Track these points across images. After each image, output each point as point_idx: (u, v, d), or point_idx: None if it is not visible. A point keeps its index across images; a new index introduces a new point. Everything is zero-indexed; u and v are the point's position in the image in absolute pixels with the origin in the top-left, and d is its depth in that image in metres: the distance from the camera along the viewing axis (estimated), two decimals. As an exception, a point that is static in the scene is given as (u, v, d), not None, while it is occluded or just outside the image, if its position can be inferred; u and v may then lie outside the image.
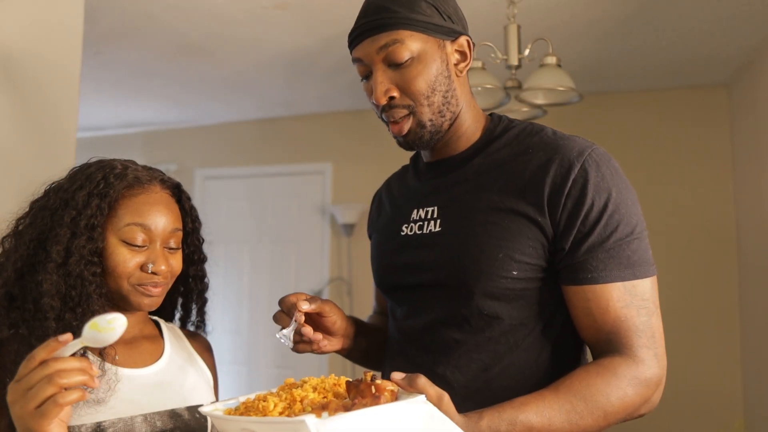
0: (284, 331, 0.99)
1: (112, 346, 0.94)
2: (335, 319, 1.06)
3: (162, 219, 1.00)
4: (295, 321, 0.99)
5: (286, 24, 2.77)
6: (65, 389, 0.71)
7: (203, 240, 1.15)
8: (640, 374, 0.91)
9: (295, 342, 1.04)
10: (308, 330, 1.01)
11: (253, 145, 4.50)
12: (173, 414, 0.99)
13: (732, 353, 3.36)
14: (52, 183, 1.03)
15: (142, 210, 0.98)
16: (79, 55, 1.96)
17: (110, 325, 0.74)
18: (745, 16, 2.59)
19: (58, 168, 1.82)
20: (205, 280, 1.16)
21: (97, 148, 5.38)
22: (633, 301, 0.93)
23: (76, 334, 0.92)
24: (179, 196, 1.08)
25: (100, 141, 4.82)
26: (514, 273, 0.95)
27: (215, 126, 4.57)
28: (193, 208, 1.12)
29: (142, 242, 0.98)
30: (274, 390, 0.80)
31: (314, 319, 1.05)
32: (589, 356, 1.03)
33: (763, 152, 2.96)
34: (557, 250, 0.96)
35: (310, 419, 0.65)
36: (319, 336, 1.03)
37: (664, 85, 3.55)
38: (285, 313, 1.02)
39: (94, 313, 0.92)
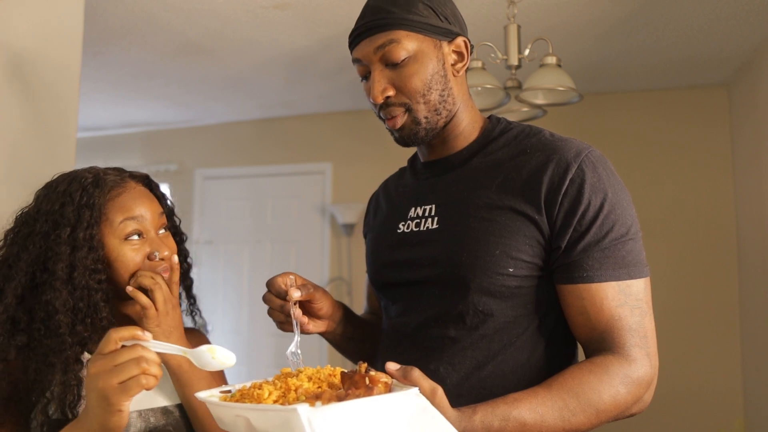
0: (291, 348, 0.99)
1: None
2: (322, 306, 1.09)
3: (147, 209, 1.05)
4: (297, 327, 1.00)
5: (286, 24, 2.77)
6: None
7: (180, 220, 1.21)
8: (632, 373, 0.91)
9: (281, 322, 1.06)
10: (298, 312, 1.03)
11: (253, 145, 4.50)
12: (165, 411, 1.03)
13: (732, 353, 3.36)
14: (23, 209, 1.06)
15: (129, 205, 1.03)
16: (79, 55, 1.96)
17: (224, 360, 0.81)
18: (745, 16, 2.60)
19: (59, 168, 1.82)
20: (189, 258, 1.21)
21: (97, 148, 5.38)
22: (627, 301, 0.94)
23: (89, 345, 0.96)
24: (150, 185, 1.13)
25: (100, 141, 4.82)
26: (510, 270, 0.96)
27: (215, 126, 4.58)
28: (164, 194, 1.17)
29: (139, 234, 1.03)
30: (270, 379, 0.81)
31: (302, 303, 1.06)
32: (580, 356, 1.03)
33: (763, 152, 2.96)
34: (553, 249, 0.97)
35: (302, 408, 0.66)
36: (304, 319, 1.05)
37: (664, 85, 3.55)
38: (274, 295, 1.04)
39: (102, 320, 0.98)
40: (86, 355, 0.97)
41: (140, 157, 4.71)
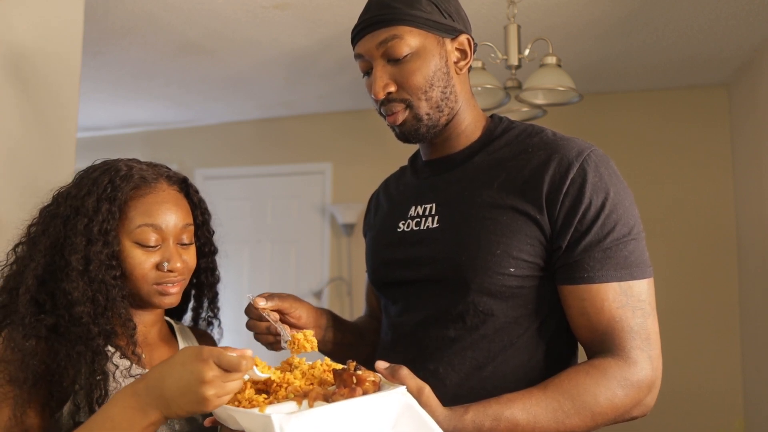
0: (282, 337, 0.99)
1: (140, 348, 0.99)
2: (300, 314, 1.07)
3: (172, 216, 1.00)
4: (282, 331, 1.00)
5: (286, 24, 2.77)
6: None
7: (213, 231, 1.15)
8: (631, 376, 0.90)
9: (270, 342, 1.05)
10: (274, 316, 1.02)
11: (253, 145, 4.50)
12: (190, 418, 1.00)
13: (732, 353, 3.36)
14: (60, 188, 1.03)
15: (152, 210, 0.99)
16: (79, 55, 1.96)
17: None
18: (745, 16, 2.59)
19: (59, 168, 1.83)
20: (216, 272, 1.17)
21: (97, 148, 5.40)
22: (628, 302, 0.93)
23: (111, 337, 0.95)
24: (187, 190, 1.08)
25: (100, 141, 4.82)
26: (511, 270, 0.96)
27: (215, 126, 4.57)
28: (201, 201, 1.11)
29: (155, 242, 0.98)
30: (274, 367, 0.84)
31: (281, 319, 1.06)
32: (581, 358, 1.02)
33: (763, 152, 2.96)
34: (554, 249, 0.96)
35: (276, 415, 0.69)
36: (288, 327, 1.04)
37: (664, 85, 3.55)
38: (255, 319, 1.04)
39: (120, 317, 0.96)
40: (110, 349, 0.95)
41: (140, 157, 4.68)
